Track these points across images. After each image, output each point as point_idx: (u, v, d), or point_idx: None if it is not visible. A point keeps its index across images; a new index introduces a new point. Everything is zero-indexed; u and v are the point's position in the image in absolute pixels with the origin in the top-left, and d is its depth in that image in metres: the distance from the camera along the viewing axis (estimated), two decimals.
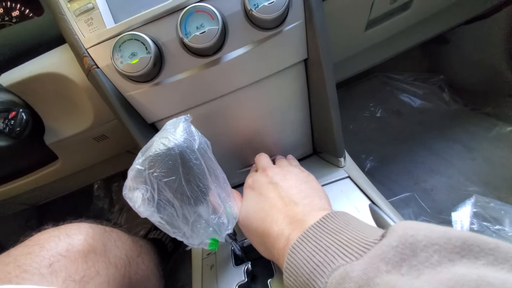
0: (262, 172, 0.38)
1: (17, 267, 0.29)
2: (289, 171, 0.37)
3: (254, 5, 0.33)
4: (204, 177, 0.29)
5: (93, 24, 0.36)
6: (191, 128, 0.29)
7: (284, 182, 0.34)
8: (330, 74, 0.38)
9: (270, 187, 0.34)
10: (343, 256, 0.21)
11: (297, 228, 0.27)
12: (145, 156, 0.27)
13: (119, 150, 0.57)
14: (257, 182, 0.37)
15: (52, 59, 0.40)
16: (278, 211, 0.31)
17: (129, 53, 0.33)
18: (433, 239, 0.18)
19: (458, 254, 0.17)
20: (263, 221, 0.31)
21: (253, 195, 0.36)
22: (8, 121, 0.39)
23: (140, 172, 0.27)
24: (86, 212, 1.06)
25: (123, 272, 0.38)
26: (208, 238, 0.31)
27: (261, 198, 0.34)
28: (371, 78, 1.13)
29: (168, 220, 0.29)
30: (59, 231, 0.35)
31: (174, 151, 0.27)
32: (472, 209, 0.61)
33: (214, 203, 0.31)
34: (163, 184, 0.27)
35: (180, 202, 0.28)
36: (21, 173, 0.52)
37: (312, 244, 0.24)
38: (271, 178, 0.36)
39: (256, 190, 0.36)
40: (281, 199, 0.32)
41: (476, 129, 0.88)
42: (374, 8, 0.46)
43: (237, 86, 0.39)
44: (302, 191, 0.33)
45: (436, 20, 0.63)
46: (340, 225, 0.25)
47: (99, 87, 0.36)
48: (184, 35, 0.33)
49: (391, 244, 0.19)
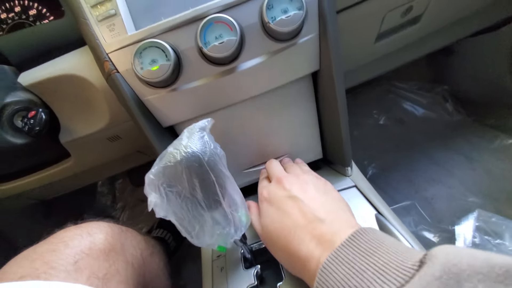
0: (277, 183, 0.36)
1: (44, 263, 0.30)
2: (306, 181, 0.36)
3: (272, 18, 0.34)
4: (212, 189, 0.29)
5: (114, 29, 0.37)
6: (205, 139, 0.30)
7: (303, 195, 0.33)
8: (341, 85, 0.39)
9: (289, 203, 0.33)
10: (381, 283, 0.20)
11: (327, 249, 0.26)
12: (157, 166, 0.29)
13: (130, 150, 0.58)
14: (274, 195, 0.35)
15: (72, 61, 0.42)
16: (303, 230, 0.29)
17: (149, 59, 0.35)
18: (477, 267, 0.18)
19: (502, 283, 0.17)
20: (288, 241, 0.30)
21: (272, 210, 0.34)
22: (27, 120, 0.41)
23: (152, 181, 0.29)
24: (89, 208, 1.08)
25: (139, 271, 0.40)
26: (215, 244, 0.32)
27: (281, 214, 0.32)
28: (376, 85, 1.14)
29: (179, 222, 0.30)
30: (81, 230, 0.36)
31: (182, 164, 0.28)
32: (475, 223, 0.63)
33: (221, 214, 0.32)
34: (171, 194, 0.29)
35: (188, 209, 0.30)
36: (34, 169, 0.53)
37: (345, 266, 0.23)
38: (289, 191, 0.34)
39: (274, 205, 0.34)
40: (304, 216, 0.31)
41: (478, 140, 0.89)
42: (385, 21, 0.47)
43: (250, 94, 0.40)
44: (324, 205, 0.32)
45: (444, 32, 0.64)
46: (373, 244, 0.24)
47: (118, 91, 0.37)
48: (203, 45, 0.34)
49: (434, 274, 0.18)
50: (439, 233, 0.70)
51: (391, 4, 0.45)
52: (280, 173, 0.38)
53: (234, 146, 0.47)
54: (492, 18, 0.70)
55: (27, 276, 0.29)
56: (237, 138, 0.46)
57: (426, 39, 0.62)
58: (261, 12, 0.35)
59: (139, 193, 1.07)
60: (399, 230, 0.35)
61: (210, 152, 0.29)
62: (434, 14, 0.52)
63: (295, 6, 0.34)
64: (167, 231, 0.82)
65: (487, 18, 0.70)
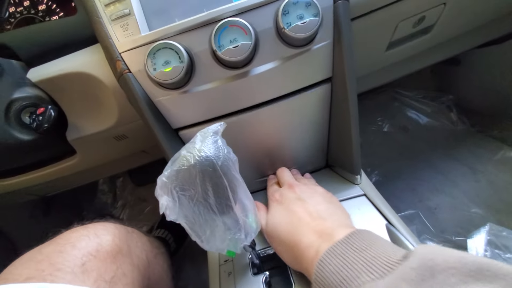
0: (289, 188, 0.41)
1: (51, 265, 0.30)
2: (316, 190, 0.40)
3: (287, 23, 0.34)
4: (224, 194, 0.29)
5: (128, 29, 0.37)
6: (218, 143, 0.30)
7: (311, 199, 0.37)
8: (353, 93, 0.39)
9: (298, 203, 0.37)
10: (368, 273, 0.23)
11: (326, 241, 0.29)
12: (170, 170, 0.28)
13: (135, 149, 0.58)
14: (285, 197, 0.39)
15: (83, 59, 0.41)
16: (307, 225, 0.33)
17: (162, 61, 0.34)
18: (450, 263, 0.20)
19: (473, 277, 0.18)
20: (292, 234, 0.33)
21: (281, 209, 0.38)
22: (36, 116, 0.40)
23: (165, 183, 0.28)
24: (89, 205, 1.07)
25: (144, 273, 0.39)
26: (225, 249, 0.32)
27: (289, 212, 0.36)
28: (381, 92, 1.14)
29: (190, 226, 0.30)
30: (87, 231, 0.36)
31: (195, 168, 0.28)
32: (486, 237, 0.63)
33: (232, 219, 0.31)
34: (183, 197, 0.28)
35: (199, 213, 0.29)
36: (39, 165, 0.52)
37: (339, 259, 0.26)
38: (299, 194, 0.38)
39: (284, 205, 0.38)
40: (309, 215, 0.34)
41: (482, 151, 0.89)
42: (397, 30, 0.47)
43: (262, 99, 0.40)
44: (328, 209, 0.36)
45: (452, 43, 0.64)
46: (365, 243, 0.27)
47: (129, 91, 0.37)
48: (217, 48, 0.34)
49: (412, 266, 0.21)
50: (442, 243, 0.70)
51: (405, 13, 0.45)
52: (292, 180, 0.43)
53: (244, 153, 0.47)
54: (499, 30, 0.71)
55: (33, 278, 0.28)
56: (247, 143, 0.46)
57: (435, 49, 0.62)
58: (277, 17, 0.35)
59: (140, 192, 1.06)
60: (409, 240, 0.35)
61: (224, 157, 0.28)
62: (445, 25, 0.52)
63: (311, 13, 0.34)
64: (168, 232, 0.82)
65: (495, 30, 0.70)
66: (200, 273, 0.81)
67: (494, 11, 0.57)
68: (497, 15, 0.59)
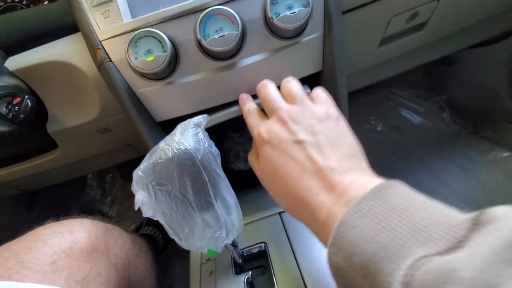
0: (279, 123, 0.30)
1: (18, 263, 0.28)
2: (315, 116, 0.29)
3: (276, 13, 0.33)
4: (204, 190, 0.28)
5: (109, 16, 0.35)
6: (199, 136, 0.28)
7: (312, 139, 0.28)
8: (343, 88, 0.38)
9: (296, 147, 0.28)
10: (424, 241, 0.17)
11: (340, 198, 0.23)
12: (147, 163, 0.27)
13: (120, 144, 0.56)
14: (276, 137, 0.29)
15: (63, 47, 0.40)
16: (311, 178, 0.26)
17: (144, 49, 0.33)
18: None
19: None
20: (294, 189, 0.27)
21: (275, 154, 0.29)
22: (12, 106, 0.38)
23: (140, 177, 0.27)
24: (77, 201, 1.05)
25: (123, 272, 0.38)
26: (205, 248, 0.31)
27: (286, 160, 0.28)
28: (374, 92, 1.14)
29: (168, 223, 0.29)
30: (61, 227, 0.34)
31: (173, 162, 0.26)
32: None
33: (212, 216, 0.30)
34: (160, 192, 0.27)
35: (177, 210, 0.28)
36: (19, 159, 0.50)
37: (372, 220, 0.20)
38: (296, 134, 0.28)
39: (277, 148, 0.29)
40: (313, 163, 0.26)
41: (473, 152, 0.89)
42: (390, 26, 0.46)
43: (249, 92, 0.39)
44: (335, 148, 0.27)
45: (445, 42, 0.64)
46: (404, 199, 0.20)
47: (110, 81, 0.36)
48: (202, 37, 0.33)
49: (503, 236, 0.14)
50: None
51: (397, 8, 0.44)
52: (280, 106, 0.31)
53: None
54: (492, 30, 0.70)
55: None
56: None
57: (427, 47, 0.61)
58: (265, 6, 0.33)
59: (129, 188, 1.03)
60: None
61: (204, 150, 0.27)
62: (439, 22, 0.51)
63: (301, 3, 0.33)
64: (157, 229, 0.80)
65: (488, 30, 0.70)
66: (188, 271, 0.79)
67: (487, 9, 0.57)
68: (490, 13, 0.58)
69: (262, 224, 0.40)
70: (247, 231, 0.40)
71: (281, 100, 0.32)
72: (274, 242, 0.37)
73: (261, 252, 0.38)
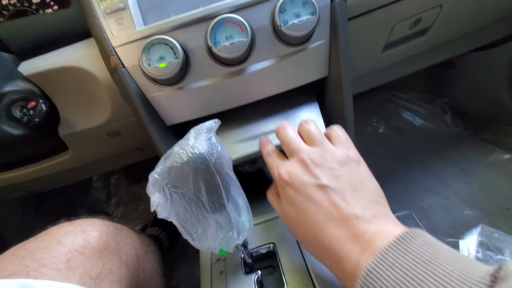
0: (301, 165, 0.29)
1: (35, 261, 0.29)
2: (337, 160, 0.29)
3: (284, 21, 0.34)
4: (217, 192, 0.29)
5: (123, 23, 0.36)
6: (212, 140, 0.29)
7: (335, 184, 0.28)
8: (349, 93, 0.39)
9: (319, 193, 0.27)
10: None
11: (366, 249, 0.23)
12: (162, 166, 0.28)
13: (129, 147, 0.57)
14: (298, 180, 0.29)
15: (76, 53, 0.41)
16: (337, 226, 0.26)
17: (157, 56, 0.34)
18: None
19: None
20: (318, 236, 0.27)
21: (299, 198, 0.28)
22: (26, 110, 0.39)
23: (157, 180, 0.28)
24: (82, 202, 1.06)
25: (133, 270, 0.39)
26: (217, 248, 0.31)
27: (310, 205, 0.28)
28: (376, 94, 1.15)
29: (182, 224, 0.30)
30: (74, 227, 0.35)
31: (188, 165, 0.27)
32: (478, 238, 0.64)
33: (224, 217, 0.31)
34: (175, 195, 0.28)
35: (191, 211, 0.29)
36: (30, 161, 0.52)
37: (397, 272, 0.20)
38: (318, 179, 0.28)
39: (300, 192, 0.28)
40: (337, 210, 0.26)
41: (474, 154, 0.90)
42: (394, 32, 0.47)
43: (257, 97, 0.40)
44: (359, 194, 0.27)
45: (448, 46, 0.65)
46: (427, 250, 0.21)
47: (123, 86, 0.37)
48: (213, 44, 0.34)
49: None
50: None
51: (401, 14, 0.45)
52: (301, 148, 0.30)
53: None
54: (494, 34, 0.71)
55: (16, 274, 0.27)
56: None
57: (430, 51, 0.62)
58: (273, 15, 0.34)
59: (134, 190, 1.05)
60: None
61: (217, 154, 0.28)
62: (441, 27, 0.52)
63: (308, 11, 0.34)
64: (162, 230, 0.81)
65: (490, 34, 0.71)
66: (193, 272, 0.80)
67: (489, 15, 0.58)
68: (492, 19, 0.59)
69: (271, 225, 0.41)
70: (256, 232, 0.41)
71: (301, 141, 0.32)
72: (283, 243, 0.38)
73: (270, 253, 0.39)
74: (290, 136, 0.32)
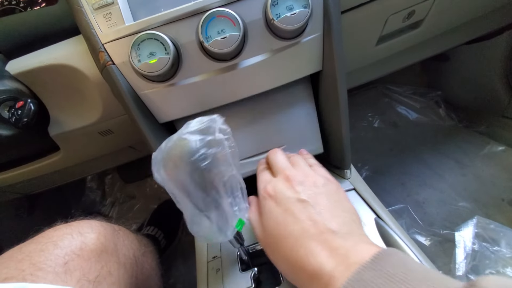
0: (285, 181, 0.32)
1: (32, 264, 0.28)
2: (317, 184, 0.32)
3: (276, 15, 0.33)
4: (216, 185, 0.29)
5: (111, 19, 0.35)
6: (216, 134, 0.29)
7: (314, 201, 0.29)
8: (343, 87, 0.39)
9: (299, 206, 0.29)
10: None
11: (341, 264, 0.24)
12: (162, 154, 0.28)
13: (122, 145, 0.56)
14: (280, 194, 0.31)
15: (64, 50, 0.40)
16: (313, 240, 0.27)
17: (147, 52, 0.33)
18: None
19: None
20: (294, 249, 0.27)
21: (278, 211, 0.30)
22: (15, 110, 0.38)
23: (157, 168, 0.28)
24: (77, 203, 1.04)
25: (131, 272, 0.38)
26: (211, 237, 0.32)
27: (288, 217, 0.29)
28: (371, 88, 1.15)
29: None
30: (71, 229, 0.34)
31: (188, 157, 0.27)
32: (474, 229, 0.64)
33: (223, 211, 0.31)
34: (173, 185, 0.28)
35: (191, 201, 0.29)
36: (21, 162, 0.50)
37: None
38: (299, 194, 0.30)
39: (281, 205, 0.30)
40: (315, 225, 0.27)
41: (469, 146, 0.91)
42: (387, 25, 0.47)
43: (251, 92, 0.39)
44: (337, 216, 0.29)
45: (441, 39, 0.65)
46: (401, 270, 0.21)
47: (113, 84, 0.36)
48: (205, 39, 0.33)
49: None
50: (431, 237, 0.71)
51: (394, 7, 0.45)
52: (287, 168, 0.34)
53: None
54: (487, 26, 0.72)
55: (13, 278, 0.27)
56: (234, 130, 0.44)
57: (423, 44, 0.62)
58: (266, 8, 0.34)
59: (129, 190, 1.04)
60: (398, 234, 0.35)
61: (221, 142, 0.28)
62: (435, 20, 0.52)
63: (301, 4, 0.33)
64: (158, 229, 0.81)
65: (483, 26, 0.71)
66: (190, 270, 0.80)
67: (482, 6, 0.58)
68: (485, 10, 0.59)
69: None
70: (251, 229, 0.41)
71: (289, 164, 0.35)
72: None
73: None
74: (279, 158, 0.36)
